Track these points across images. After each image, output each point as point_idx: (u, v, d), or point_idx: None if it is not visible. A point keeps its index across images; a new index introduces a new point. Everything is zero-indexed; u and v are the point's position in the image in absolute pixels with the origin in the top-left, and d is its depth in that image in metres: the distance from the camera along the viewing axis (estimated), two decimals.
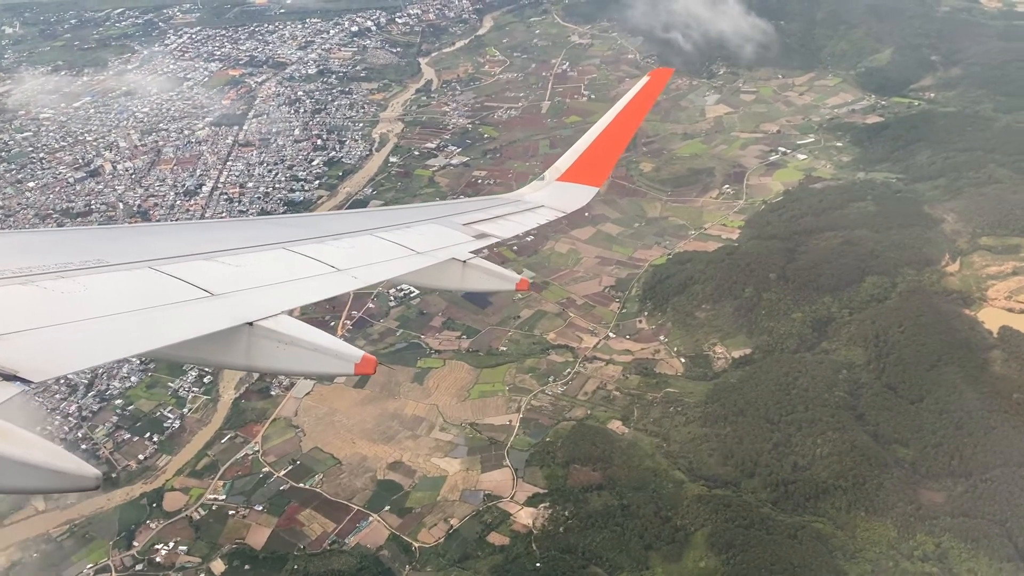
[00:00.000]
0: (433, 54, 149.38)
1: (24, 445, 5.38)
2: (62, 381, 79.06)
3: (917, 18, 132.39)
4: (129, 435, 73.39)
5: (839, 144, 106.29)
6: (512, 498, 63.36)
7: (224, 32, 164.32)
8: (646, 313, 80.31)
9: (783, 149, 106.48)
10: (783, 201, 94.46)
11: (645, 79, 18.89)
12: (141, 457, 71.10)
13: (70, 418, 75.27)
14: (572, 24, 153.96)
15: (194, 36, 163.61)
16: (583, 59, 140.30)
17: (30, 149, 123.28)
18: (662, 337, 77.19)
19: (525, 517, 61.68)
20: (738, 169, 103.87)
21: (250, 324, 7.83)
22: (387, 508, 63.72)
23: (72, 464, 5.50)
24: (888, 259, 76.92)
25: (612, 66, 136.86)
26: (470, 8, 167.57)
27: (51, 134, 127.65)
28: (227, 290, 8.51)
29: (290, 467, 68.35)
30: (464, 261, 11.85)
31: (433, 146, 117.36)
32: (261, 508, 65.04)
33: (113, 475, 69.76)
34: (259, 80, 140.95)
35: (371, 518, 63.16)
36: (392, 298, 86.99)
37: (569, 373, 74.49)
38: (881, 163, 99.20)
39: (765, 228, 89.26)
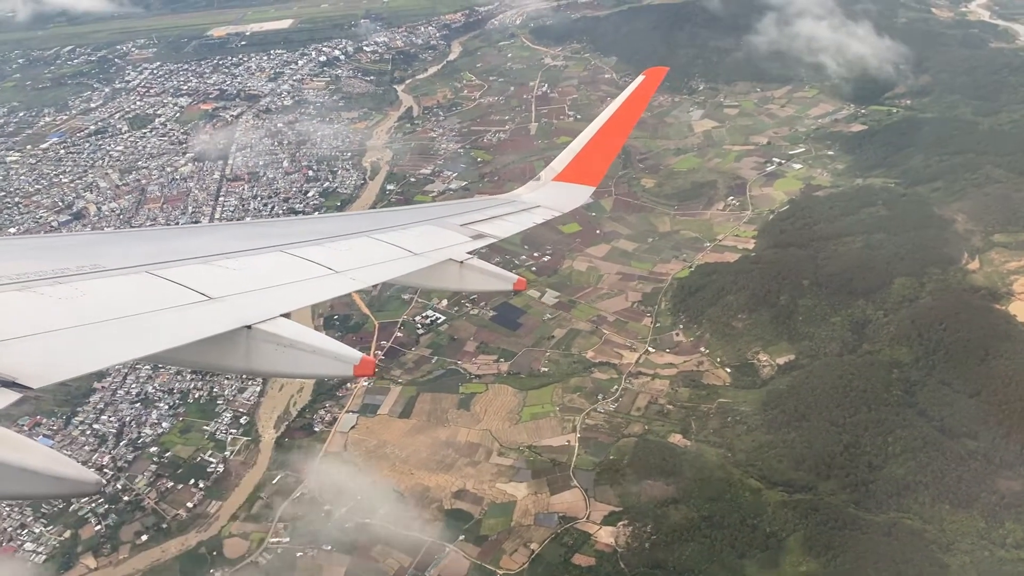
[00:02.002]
0: (407, 81, 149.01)
1: (23, 450, 5.36)
2: (89, 432, 76.20)
3: (882, 29, 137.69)
4: (172, 483, 70.75)
5: (830, 153, 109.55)
6: (588, 518, 63.06)
7: (186, 66, 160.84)
8: (681, 326, 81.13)
9: (777, 160, 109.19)
10: (790, 210, 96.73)
11: (640, 78, 18.88)
12: (190, 505, 68.57)
13: (105, 470, 72.07)
14: (542, 47, 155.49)
15: (155, 71, 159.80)
16: (561, 80, 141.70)
17: (1, 194, 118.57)
18: (702, 348, 78.02)
19: (606, 536, 61.43)
20: (738, 181, 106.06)
21: (249, 327, 7.85)
22: (462, 538, 62.76)
23: (72, 469, 5.47)
24: (913, 260, 79.51)
25: (591, 86, 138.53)
26: (437, 35, 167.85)
27: (22, 177, 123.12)
28: (225, 293, 8.52)
29: (351, 503, 66.75)
30: (461, 262, 11.87)
31: (428, 172, 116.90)
32: (330, 547, 63.35)
33: (163, 525, 67.20)
34: (234, 113, 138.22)
35: (447, 549, 62.09)
36: (419, 325, 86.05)
37: (617, 390, 74.58)
38: (876, 169, 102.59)
39: (780, 237, 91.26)
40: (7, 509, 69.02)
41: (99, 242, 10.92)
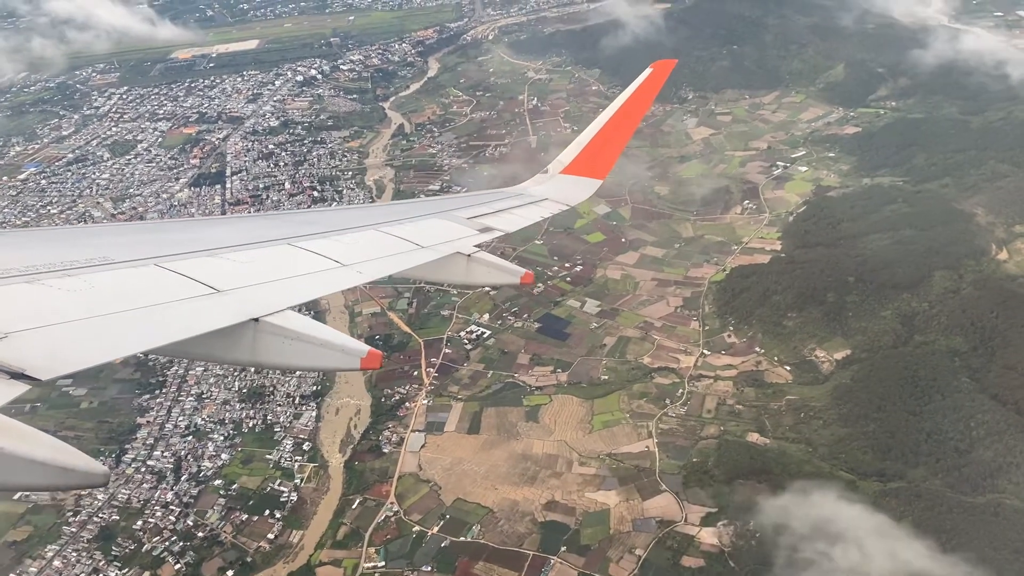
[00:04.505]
0: (392, 98, 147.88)
1: (30, 442, 5.35)
2: (144, 470, 73.44)
3: (855, 35, 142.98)
4: (246, 515, 68.69)
5: (831, 154, 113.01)
6: (685, 520, 63.66)
7: (156, 90, 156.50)
8: (731, 327, 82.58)
9: (782, 163, 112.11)
10: (808, 211, 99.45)
11: (648, 71, 18.75)
12: (271, 536, 66.75)
13: (172, 507, 69.57)
14: (523, 61, 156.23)
15: (124, 96, 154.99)
16: (549, 93, 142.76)
17: None
18: (757, 348, 79.56)
19: (709, 537, 62.15)
20: (749, 185, 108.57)
21: (256, 320, 7.96)
22: (563, 549, 62.62)
23: (80, 460, 5.43)
24: (947, 253, 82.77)
25: (580, 98, 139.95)
26: (412, 52, 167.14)
27: (5, 210, 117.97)
28: (232, 286, 8.58)
29: (441, 522, 65.98)
30: (469, 255, 11.98)
31: (437, 188, 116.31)
32: (429, 568, 62.60)
33: (247, 559, 65.19)
34: (220, 136, 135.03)
35: (552, 561, 61.90)
36: (466, 341, 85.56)
37: (682, 393, 75.53)
38: (881, 168, 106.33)
39: (805, 237, 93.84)
40: (75, 553, 66.08)
41: (107, 234, 10.82)
